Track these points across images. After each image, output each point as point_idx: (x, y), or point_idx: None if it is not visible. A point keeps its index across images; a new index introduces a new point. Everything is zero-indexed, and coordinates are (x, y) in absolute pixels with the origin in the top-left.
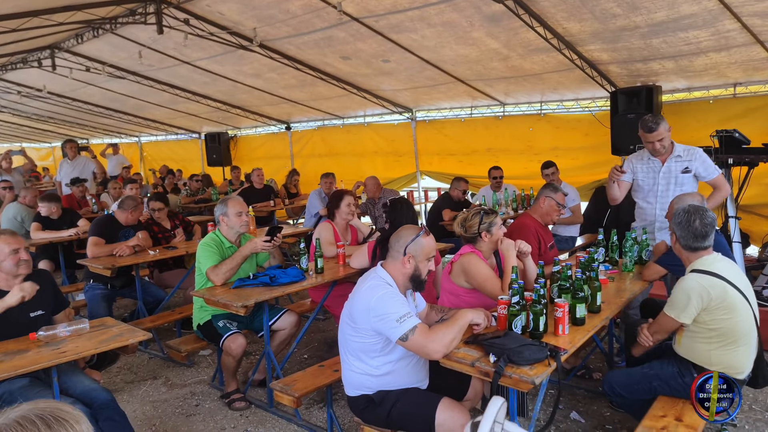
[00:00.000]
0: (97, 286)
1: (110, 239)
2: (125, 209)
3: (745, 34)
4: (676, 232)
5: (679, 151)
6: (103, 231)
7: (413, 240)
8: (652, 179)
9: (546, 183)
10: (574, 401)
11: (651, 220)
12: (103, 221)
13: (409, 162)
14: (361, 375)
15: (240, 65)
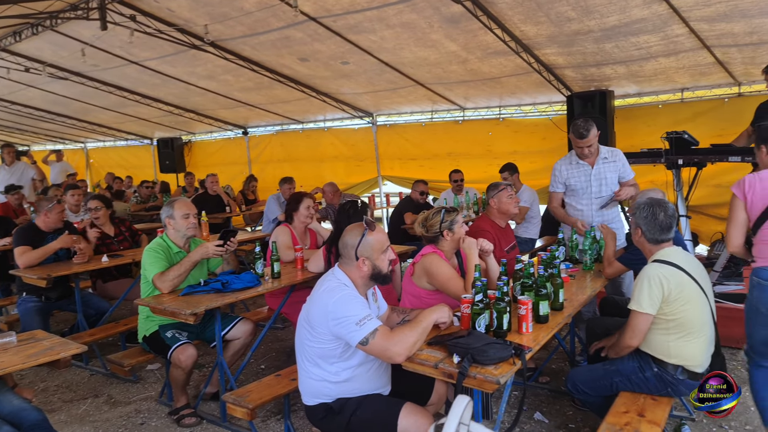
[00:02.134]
0: (30, 298)
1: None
2: (39, 213)
3: (693, 39)
4: (641, 226)
5: (605, 152)
6: (27, 238)
7: (360, 242)
8: (585, 182)
9: (489, 185)
10: (538, 401)
11: (588, 220)
12: (25, 229)
13: (371, 167)
14: (319, 382)
15: (192, 66)
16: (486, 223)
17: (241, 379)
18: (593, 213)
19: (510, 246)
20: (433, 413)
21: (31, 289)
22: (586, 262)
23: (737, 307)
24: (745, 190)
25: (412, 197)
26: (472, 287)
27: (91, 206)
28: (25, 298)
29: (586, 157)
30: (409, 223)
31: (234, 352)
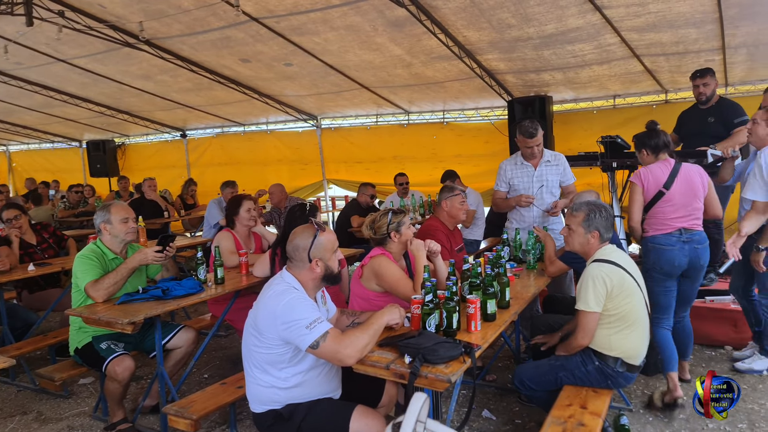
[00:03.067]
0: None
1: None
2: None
3: (624, 48)
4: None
5: (548, 156)
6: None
7: (312, 243)
8: (528, 183)
9: (442, 187)
10: (485, 399)
11: (529, 222)
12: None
13: (316, 170)
14: (267, 389)
15: (126, 65)
16: (437, 222)
17: (183, 390)
18: (534, 214)
19: (459, 247)
20: (384, 415)
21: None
22: (530, 261)
23: None
24: (642, 179)
25: (359, 200)
26: (422, 288)
27: (8, 216)
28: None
29: (532, 158)
30: (356, 225)
31: (175, 361)
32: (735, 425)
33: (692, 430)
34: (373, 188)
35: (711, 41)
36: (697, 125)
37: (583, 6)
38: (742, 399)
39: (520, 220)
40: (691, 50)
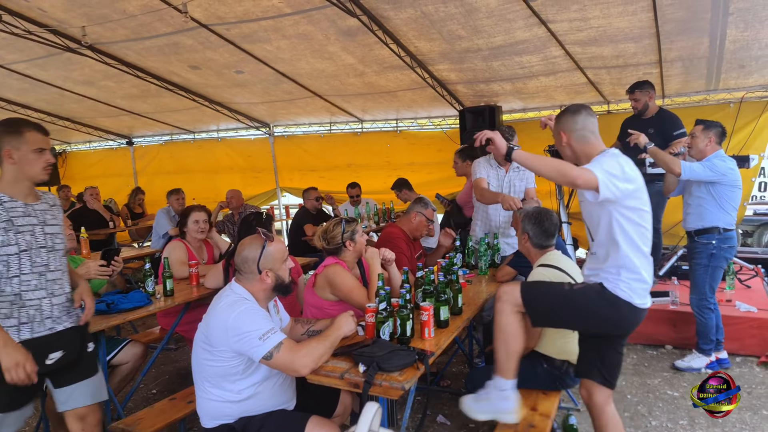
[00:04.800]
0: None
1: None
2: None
3: (569, 61)
4: (528, 231)
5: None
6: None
7: (261, 254)
8: (497, 185)
9: (417, 198)
10: (440, 405)
11: (495, 225)
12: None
13: (269, 178)
14: (219, 403)
15: (68, 70)
16: (398, 230)
17: (129, 407)
18: (500, 217)
19: (418, 254)
20: (339, 425)
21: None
22: (482, 267)
23: None
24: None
25: (307, 207)
26: (376, 296)
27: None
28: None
29: (505, 162)
30: (309, 234)
31: (122, 377)
32: (676, 422)
33: (636, 427)
34: (316, 191)
35: (649, 55)
36: None
37: (530, 20)
38: (682, 396)
39: (485, 225)
40: (630, 63)
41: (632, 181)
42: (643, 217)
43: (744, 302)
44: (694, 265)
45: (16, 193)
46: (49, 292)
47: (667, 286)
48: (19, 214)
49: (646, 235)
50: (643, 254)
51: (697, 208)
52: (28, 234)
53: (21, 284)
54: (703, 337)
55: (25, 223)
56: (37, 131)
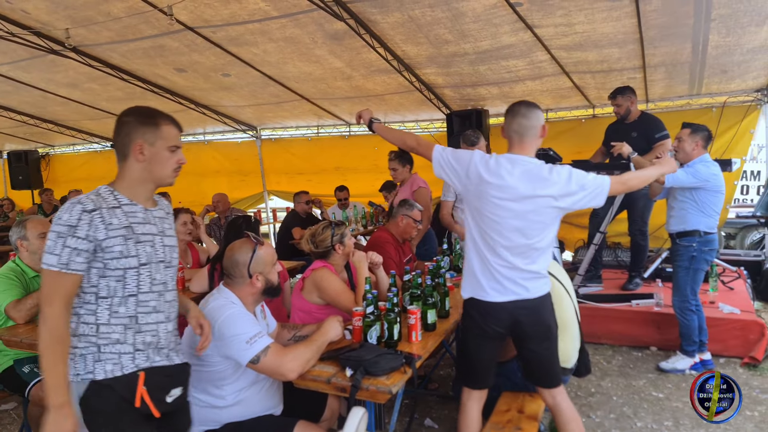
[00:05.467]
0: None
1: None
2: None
3: (554, 65)
4: None
5: None
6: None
7: (252, 258)
8: None
9: (401, 201)
10: (427, 408)
11: None
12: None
13: (256, 181)
14: (205, 409)
15: (51, 73)
16: (387, 234)
17: None
18: None
19: (407, 258)
20: (326, 429)
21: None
22: None
23: (598, 306)
24: None
25: (297, 210)
26: (363, 300)
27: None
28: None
29: None
30: (297, 238)
31: None
32: (661, 423)
33: (622, 428)
34: (307, 195)
35: (633, 60)
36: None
37: (516, 24)
38: (667, 397)
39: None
40: (614, 68)
41: (471, 178)
42: (490, 225)
43: (727, 304)
44: (676, 268)
45: (137, 196)
46: (166, 316)
47: (651, 288)
48: (139, 221)
49: (494, 239)
50: (480, 257)
51: (680, 212)
52: (149, 245)
53: (138, 305)
54: (687, 338)
55: (146, 231)
56: (174, 125)
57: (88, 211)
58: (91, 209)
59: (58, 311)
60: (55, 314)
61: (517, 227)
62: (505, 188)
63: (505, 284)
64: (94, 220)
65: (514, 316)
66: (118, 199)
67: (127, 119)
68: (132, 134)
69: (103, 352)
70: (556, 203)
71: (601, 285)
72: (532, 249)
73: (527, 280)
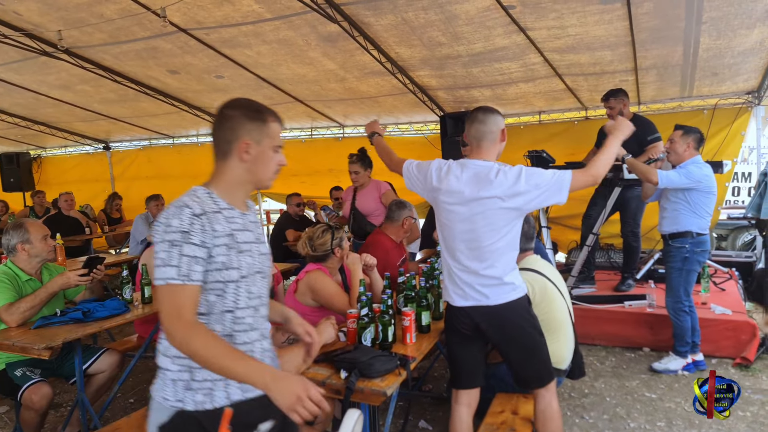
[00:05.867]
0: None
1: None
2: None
3: (547, 68)
4: None
5: None
6: None
7: None
8: None
9: (397, 202)
10: (421, 410)
11: None
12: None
13: None
14: None
15: (43, 74)
16: (383, 236)
17: (107, 417)
18: None
19: (402, 259)
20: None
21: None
22: None
23: (591, 308)
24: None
25: (289, 212)
26: (358, 302)
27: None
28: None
29: None
30: (291, 240)
31: (98, 387)
32: (654, 423)
33: (615, 429)
34: (298, 197)
35: (624, 63)
36: None
37: (509, 27)
38: (659, 398)
39: None
40: (607, 71)
41: (428, 186)
42: (445, 230)
43: (719, 305)
44: (668, 269)
45: (235, 200)
46: (261, 333)
47: (644, 289)
48: (239, 227)
49: (450, 244)
50: (445, 262)
51: (672, 213)
52: (248, 255)
53: (234, 322)
54: (679, 339)
55: (246, 240)
56: (279, 122)
57: (197, 215)
58: (200, 213)
59: (194, 323)
60: (193, 329)
61: (467, 230)
62: (452, 193)
63: (465, 289)
64: (204, 225)
65: (475, 322)
66: (217, 202)
67: (232, 113)
68: (237, 131)
69: (196, 379)
70: (504, 204)
71: (594, 286)
72: (488, 252)
73: (486, 287)
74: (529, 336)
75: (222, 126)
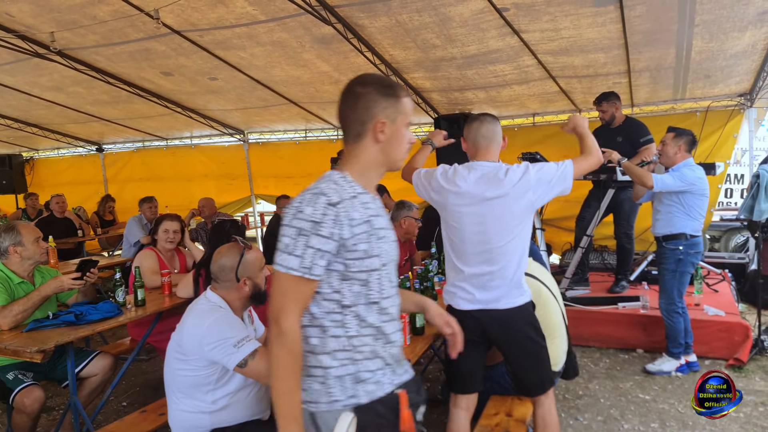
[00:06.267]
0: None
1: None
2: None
3: (541, 70)
4: None
5: None
6: None
7: (240, 262)
8: None
9: (399, 203)
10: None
11: None
12: None
13: (243, 185)
14: (192, 414)
15: (36, 76)
16: None
17: (99, 420)
18: None
19: (406, 258)
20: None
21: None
22: None
23: (585, 309)
24: None
25: (279, 215)
26: None
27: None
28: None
29: None
30: None
31: (90, 390)
32: (648, 425)
33: (609, 430)
34: (287, 199)
35: (618, 65)
36: (606, 144)
37: (502, 29)
38: (653, 399)
39: None
40: (600, 73)
41: (435, 191)
42: (454, 233)
43: (712, 306)
44: (662, 270)
45: (369, 184)
46: (399, 322)
47: (637, 290)
48: (374, 213)
49: (459, 247)
50: (453, 265)
51: (666, 215)
52: (385, 241)
53: (380, 313)
54: (673, 340)
55: (382, 225)
56: (409, 96)
57: (333, 204)
58: (336, 201)
59: (297, 325)
60: (293, 328)
61: (477, 231)
62: (461, 195)
63: (473, 293)
64: (339, 215)
65: (483, 326)
66: (353, 187)
67: (365, 90)
68: (373, 108)
69: (361, 370)
70: (515, 201)
71: (588, 288)
72: (499, 254)
73: (495, 289)
74: (534, 342)
75: (355, 105)
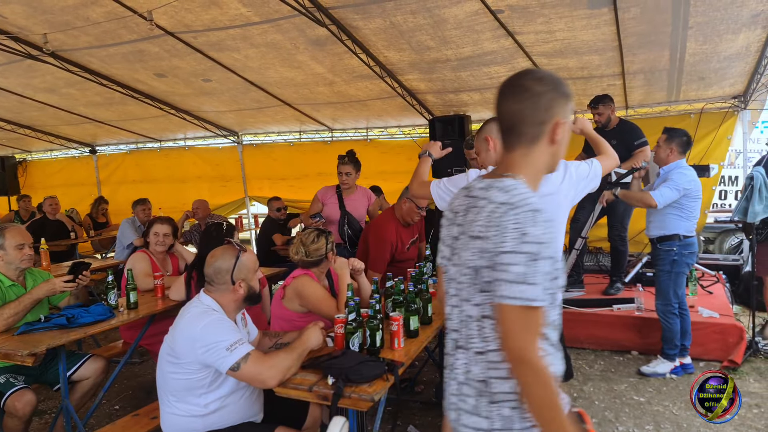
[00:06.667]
0: None
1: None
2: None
3: None
4: None
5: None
6: None
7: (235, 265)
8: None
9: (407, 186)
10: (411, 414)
11: None
12: None
13: (237, 187)
14: (185, 418)
15: (28, 78)
16: (391, 214)
17: (91, 423)
18: None
19: (414, 239)
20: None
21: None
22: None
23: (580, 311)
24: None
25: (271, 216)
26: (345, 307)
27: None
28: None
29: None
30: (279, 244)
31: (83, 393)
32: (642, 427)
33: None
34: (279, 201)
35: (612, 67)
36: None
37: (497, 31)
38: (648, 401)
39: None
40: (594, 75)
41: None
42: None
43: (706, 308)
44: (657, 272)
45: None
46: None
47: (632, 292)
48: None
49: None
50: None
51: (659, 217)
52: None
53: (553, 328)
54: (669, 342)
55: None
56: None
57: (548, 221)
58: (549, 218)
59: (544, 361)
60: (545, 364)
61: None
62: None
63: None
64: (550, 231)
65: None
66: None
67: (542, 89)
68: (553, 109)
69: None
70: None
71: (583, 290)
72: None
73: None
74: None
75: (534, 105)
